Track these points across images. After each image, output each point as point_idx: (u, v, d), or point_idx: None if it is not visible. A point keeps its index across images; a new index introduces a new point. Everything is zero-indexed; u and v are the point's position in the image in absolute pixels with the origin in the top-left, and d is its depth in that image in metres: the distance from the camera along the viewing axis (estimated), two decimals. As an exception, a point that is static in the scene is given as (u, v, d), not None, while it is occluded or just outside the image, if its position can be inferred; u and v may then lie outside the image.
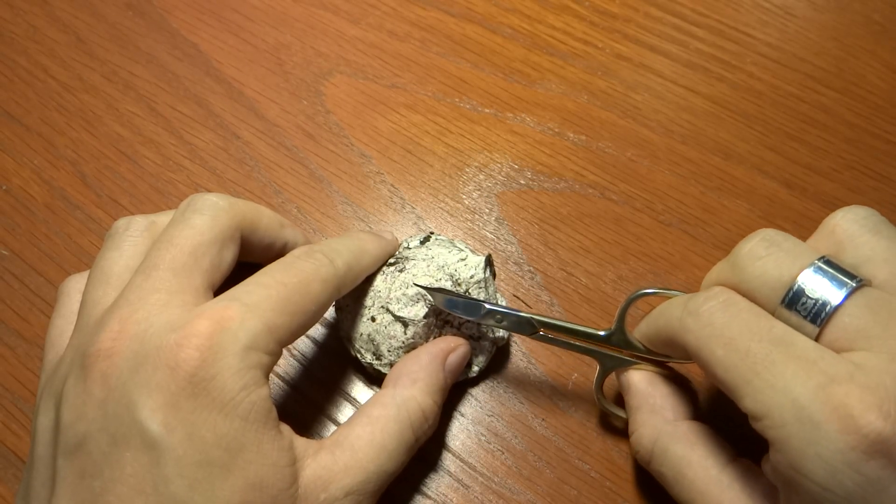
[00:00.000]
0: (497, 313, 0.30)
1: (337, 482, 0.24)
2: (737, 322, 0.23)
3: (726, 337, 0.23)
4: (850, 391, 0.21)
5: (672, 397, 0.29)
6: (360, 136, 0.40)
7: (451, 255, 0.32)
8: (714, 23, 0.44)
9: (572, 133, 0.40)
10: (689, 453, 0.27)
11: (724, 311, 0.24)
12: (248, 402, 0.22)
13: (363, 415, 0.27)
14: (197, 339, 0.22)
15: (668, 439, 0.27)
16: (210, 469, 0.21)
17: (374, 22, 0.44)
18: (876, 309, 0.22)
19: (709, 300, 0.24)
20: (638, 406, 0.29)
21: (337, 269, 0.27)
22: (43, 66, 0.42)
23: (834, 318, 0.23)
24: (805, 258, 0.24)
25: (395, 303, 0.30)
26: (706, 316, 0.24)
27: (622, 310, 0.29)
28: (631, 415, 0.29)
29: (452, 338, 0.31)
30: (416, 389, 0.28)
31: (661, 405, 0.28)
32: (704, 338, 0.24)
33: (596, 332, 0.29)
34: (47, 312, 0.34)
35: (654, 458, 0.27)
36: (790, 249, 0.24)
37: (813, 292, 0.23)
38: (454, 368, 0.30)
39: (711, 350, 0.24)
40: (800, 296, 0.23)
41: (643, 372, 0.29)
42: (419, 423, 0.27)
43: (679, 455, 0.27)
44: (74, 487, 0.22)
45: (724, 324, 0.24)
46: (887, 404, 0.20)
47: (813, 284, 0.23)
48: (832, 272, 0.23)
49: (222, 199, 0.27)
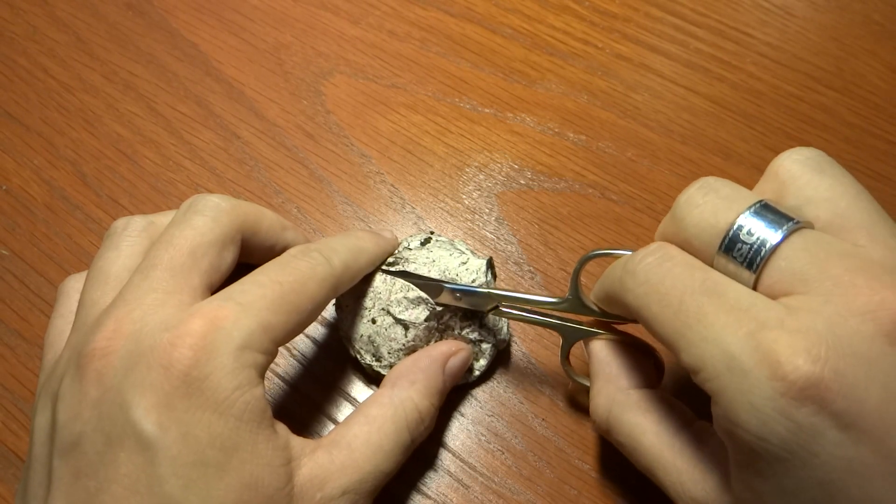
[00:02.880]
0: (456, 291, 0.30)
1: (333, 481, 0.24)
2: (670, 277, 0.23)
3: (660, 293, 0.23)
4: (779, 336, 0.20)
5: (628, 365, 0.28)
6: (360, 136, 0.40)
7: (453, 259, 0.31)
8: (714, 23, 0.44)
9: (572, 133, 0.40)
10: (642, 421, 0.26)
11: (658, 266, 0.24)
12: (242, 401, 0.22)
13: (360, 414, 0.27)
14: (190, 339, 0.22)
15: (622, 408, 0.27)
16: (205, 469, 0.21)
17: (374, 22, 0.44)
18: (813, 250, 0.22)
19: (645, 258, 0.24)
20: (595, 374, 0.29)
21: (333, 267, 0.27)
22: (43, 66, 0.42)
23: (770, 263, 0.22)
24: (742, 202, 0.23)
25: (396, 305, 0.30)
26: (642, 274, 0.24)
27: (575, 274, 0.29)
28: (591, 384, 0.29)
29: (454, 342, 0.31)
30: (414, 391, 0.28)
31: (616, 374, 0.28)
32: (641, 296, 0.24)
33: (550, 300, 0.29)
34: (47, 312, 0.34)
35: (611, 427, 0.27)
36: (728, 195, 0.23)
37: (749, 236, 0.22)
38: (454, 372, 0.30)
39: (648, 307, 0.23)
40: (736, 241, 0.22)
41: (602, 341, 0.29)
42: (415, 424, 0.27)
43: (633, 423, 0.26)
44: (70, 487, 0.22)
45: (658, 280, 0.23)
46: (817, 348, 0.20)
47: (749, 227, 0.22)
48: (769, 215, 0.22)
49: (224, 200, 0.27)
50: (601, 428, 0.28)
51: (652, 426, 0.26)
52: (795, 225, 0.22)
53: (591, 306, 0.29)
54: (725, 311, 0.21)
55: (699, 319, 0.22)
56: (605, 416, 0.27)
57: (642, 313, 0.24)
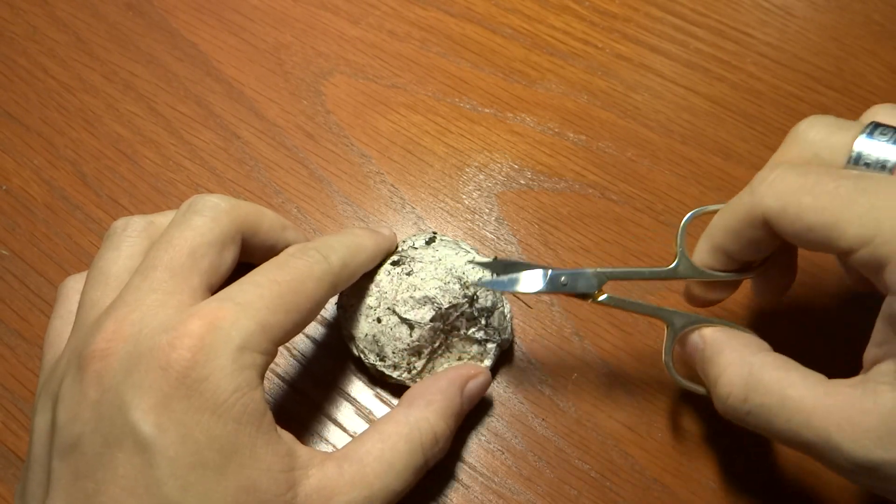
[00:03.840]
0: (562, 275, 0.28)
1: (341, 495, 0.24)
2: (812, 174, 0.24)
3: (808, 185, 0.23)
4: None
5: (751, 338, 0.27)
6: (360, 136, 0.40)
7: (459, 258, 0.31)
8: (714, 23, 0.44)
9: (572, 133, 0.40)
10: (786, 375, 0.25)
11: (794, 169, 0.24)
12: (241, 404, 0.22)
13: (375, 430, 0.27)
14: (189, 340, 0.22)
15: (761, 368, 0.25)
16: (203, 471, 0.21)
17: (374, 22, 0.44)
18: None
19: (774, 168, 0.25)
20: (719, 351, 0.27)
21: (331, 265, 0.27)
22: (43, 66, 0.42)
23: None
24: (855, 126, 0.25)
25: (402, 305, 0.30)
26: (779, 178, 0.24)
27: (681, 234, 0.28)
28: (711, 364, 0.27)
29: (475, 365, 0.31)
30: (431, 411, 0.27)
31: (744, 343, 0.27)
32: (785, 194, 0.24)
33: (663, 269, 0.28)
34: (47, 312, 0.34)
35: (751, 391, 0.25)
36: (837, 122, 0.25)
37: (874, 152, 0.24)
38: (473, 395, 0.30)
39: (798, 200, 0.24)
40: (860, 158, 0.24)
41: (714, 326, 0.28)
42: (430, 445, 0.27)
43: (777, 378, 0.25)
44: (68, 488, 0.22)
45: (800, 176, 0.24)
46: None
47: (871, 147, 0.24)
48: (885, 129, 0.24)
49: (224, 200, 0.27)
50: (738, 398, 0.25)
51: (798, 379, 0.24)
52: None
53: (702, 269, 0.28)
54: (885, 183, 0.22)
55: (861, 193, 0.22)
56: (744, 381, 0.25)
57: (790, 210, 0.24)
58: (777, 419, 0.24)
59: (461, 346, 0.31)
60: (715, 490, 0.30)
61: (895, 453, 0.22)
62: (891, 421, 0.22)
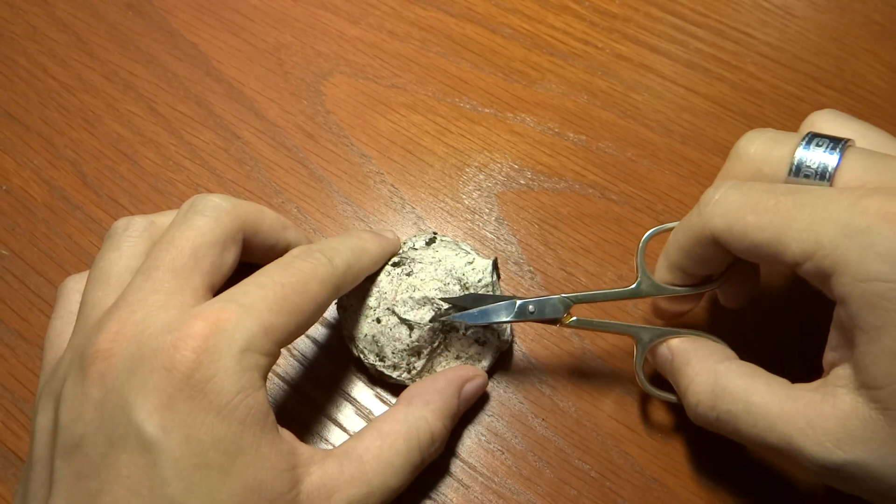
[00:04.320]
0: (529, 304, 0.29)
1: (341, 492, 0.24)
2: (754, 190, 0.25)
3: (751, 203, 0.24)
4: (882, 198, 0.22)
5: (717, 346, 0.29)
6: (360, 136, 0.40)
7: (459, 259, 0.32)
8: (714, 23, 0.44)
9: (572, 133, 0.40)
10: (750, 382, 0.26)
11: (738, 187, 0.25)
12: (245, 405, 0.22)
13: (373, 429, 0.27)
14: (193, 341, 0.22)
15: (726, 377, 0.26)
16: (207, 472, 0.21)
17: (374, 22, 0.44)
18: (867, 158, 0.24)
19: (719, 187, 0.26)
20: (686, 361, 0.28)
21: (336, 268, 0.27)
22: (43, 66, 0.42)
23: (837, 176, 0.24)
24: (793, 138, 0.26)
25: (402, 305, 0.30)
26: (724, 197, 0.25)
27: (640, 254, 0.29)
28: (680, 374, 0.28)
29: (472, 367, 0.31)
30: (429, 411, 0.28)
31: (710, 353, 0.28)
32: (731, 213, 0.25)
33: (626, 290, 0.30)
34: (47, 312, 0.34)
35: (718, 399, 0.26)
36: (776, 136, 0.26)
37: (812, 161, 0.25)
38: (469, 397, 0.30)
39: (742, 219, 0.25)
40: (800, 169, 0.25)
41: (681, 337, 0.29)
42: (427, 444, 0.27)
43: (742, 386, 0.26)
44: (71, 488, 0.22)
45: (744, 195, 0.25)
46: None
47: (809, 157, 0.25)
48: (821, 140, 0.25)
49: (225, 200, 0.27)
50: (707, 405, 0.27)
51: (762, 385, 0.25)
52: (846, 142, 0.25)
53: (664, 286, 0.29)
54: (821, 196, 0.23)
55: (800, 208, 0.23)
56: (711, 388, 0.26)
57: (736, 228, 0.25)
58: (744, 425, 0.25)
59: (459, 346, 0.31)
60: (715, 490, 0.30)
61: (855, 454, 0.22)
62: (849, 423, 0.22)
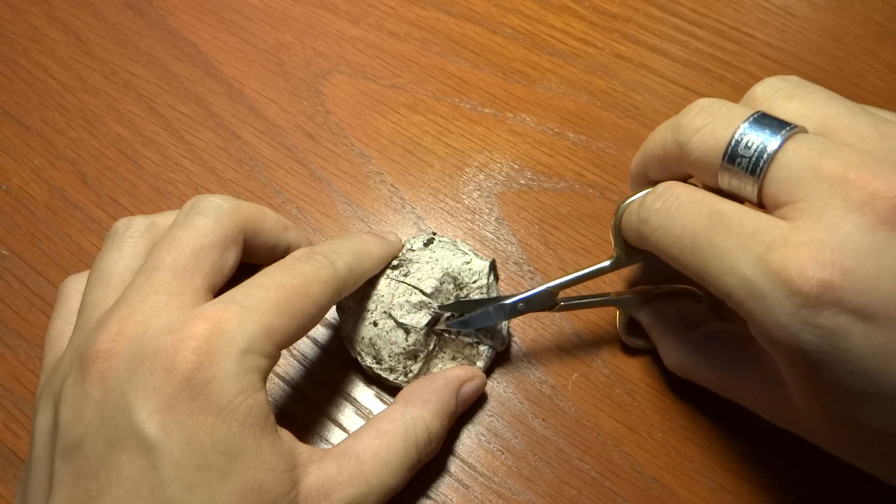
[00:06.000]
0: (519, 302, 0.30)
1: (339, 491, 0.24)
2: (679, 217, 0.25)
3: (674, 235, 0.25)
4: (786, 254, 0.21)
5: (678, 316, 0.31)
6: (360, 136, 0.40)
7: (456, 259, 0.32)
8: (714, 23, 0.44)
9: (572, 133, 0.40)
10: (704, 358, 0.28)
11: (666, 211, 0.25)
12: (245, 406, 0.22)
13: (371, 428, 0.27)
14: (193, 342, 0.22)
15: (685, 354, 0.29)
16: (208, 473, 0.21)
17: (374, 22, 0.44)
18: (807, 154, 0.23)
19: (654, 203, 0.26)
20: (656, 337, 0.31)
21: (337, 270, 0.27)
22: (43, 66, 0.42)
23: (770, 171, 0.23)
24: (740, 116, 0.24)
25: (398, 309, 0.30)
26: (654, 220, 0.26)
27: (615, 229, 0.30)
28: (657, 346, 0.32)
29: (471, 368, 0.31)
30: (426, 410, 0.28)
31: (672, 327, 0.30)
32: (659, 241, 0.26)
33: (604, 264, 0.30)
34: (47, 312, 0.34)
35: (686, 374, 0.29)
36: (726, 114, 0.25)
37: (747, 149, 0.24)
38: (467, 398, 0.30)
39: (667, 249, 0.25)
40: (736, 153, 0.24)
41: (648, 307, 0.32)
42: (424, 443, 0.28)
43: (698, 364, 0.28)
44: (71, 489, 0.22)
45: (669, 223, 0.25)
46: (823, 255, 0.21)
47: (748, 139, 0.24)
48: (766, 122, 0.24)
49: (226, 200, 0.27)
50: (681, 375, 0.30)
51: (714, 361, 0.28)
52: (791, 130, 0.23)
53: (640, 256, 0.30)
54: (733, 239, 0.23)
55: (714, 253, 0.23)
56: (678, 366, 0.30)
57: (665, 255, 0.26)
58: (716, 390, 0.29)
59: (455, 348, 0.32)
60: (715, 490, 0.30)
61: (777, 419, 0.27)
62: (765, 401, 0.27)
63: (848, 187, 0.22)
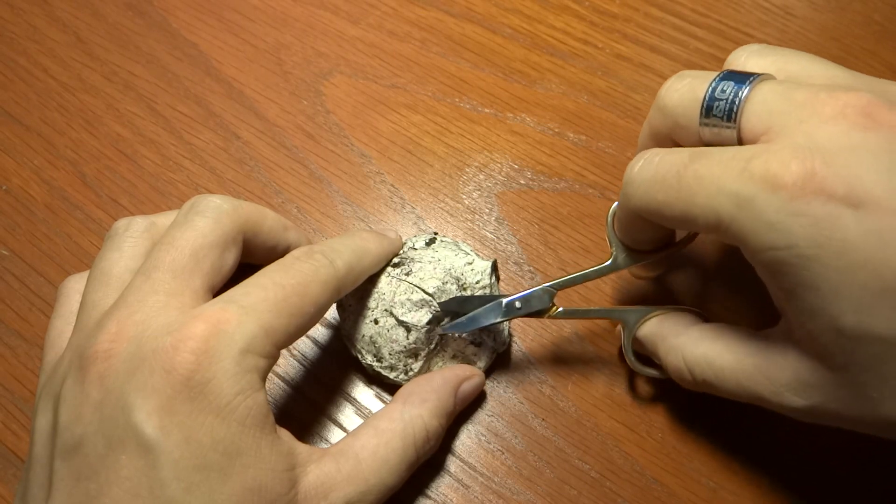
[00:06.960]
0: (515, 301, 0.30)
1: (338, 490, 0.24)
2: (662, 165, 0.25)
3: (658, 181, 0.25)
4: (767, 159, 0.22)
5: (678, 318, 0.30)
6: (360, 136, 0.40)
7: (458, 259, 0.32)
8: (714, 23, 0.44)
9: (572, 133, 0.40)
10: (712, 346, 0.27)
11: (648, 164, 0.26)
12: (244, 406, 0.22)
13: (370, 426, 0.27)
14: (192, 342, 0.22)
15: (690, 348, 0.28)
16: (207, 473, 0.21)
17: (374, 22, 0.44)
18: (779, 90, 0.24)
19: (633, 166, 0.27)
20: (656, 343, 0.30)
21: (337, 269, 0.27)
22: (43, 66, 0.42)
23: (745, 110, 0.24)
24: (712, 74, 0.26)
25: (400, 307, 0.30)
26: (637, 177, 0.26)
27: (610, 230, 0.30)
28: (656, 356, 0.30)
29: (469, 367, 0.31)
30: (425, 409, 0.28)
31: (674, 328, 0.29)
32: (645, 193, 0.26)
33: (603, 266, 0.30)
34: (47, 312, 0.34)
35: (692, 370, 0.28)
36: (699, 74, 0.26)
37: (722, 94, 0.24)
38: (466, 396, 0.30)
39: (654, 199, 0.25)
40: (712, 103, 0.25)
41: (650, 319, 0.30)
42: (422, 442, 0.28)
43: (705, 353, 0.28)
44: (70, 489, 0.22)
45: (652, 173, 0.25)
46: (802, 152, 0.22)
47: (721, 87, 0.25)
48: (736, 75, 0.25)
49: (226, 201, 0.27)
50: (686, 379, 0.29)
51: (722, 347, 0.27)
52: (759, 77, 0.25)
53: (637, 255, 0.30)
54: (715, 166, 0.23)
55: (699, 183, 0.24)
56: (682, 363, 0.28)
57: (652, 208, 0.26)
58: (719, 387, 0.27)
59: (456, 347, 0.32)
60: (715, 490, 0.30)
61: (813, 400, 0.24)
62: (800, 373, 0.24)
63: (819, 104, 0.23)
